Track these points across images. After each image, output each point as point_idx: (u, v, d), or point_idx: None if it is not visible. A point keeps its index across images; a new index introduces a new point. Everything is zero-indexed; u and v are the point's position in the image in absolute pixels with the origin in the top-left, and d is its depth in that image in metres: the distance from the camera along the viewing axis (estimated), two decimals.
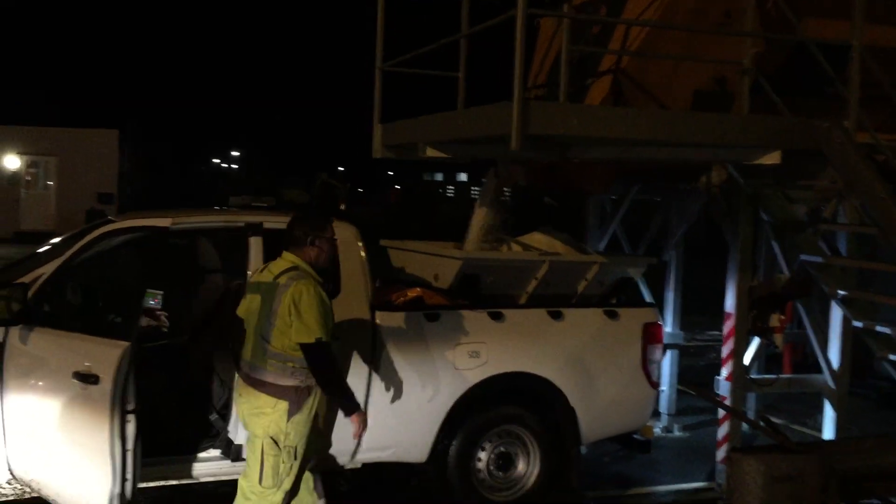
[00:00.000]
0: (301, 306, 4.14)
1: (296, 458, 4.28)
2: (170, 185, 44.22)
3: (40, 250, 5.43)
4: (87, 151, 26.33)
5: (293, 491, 4.38)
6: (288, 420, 4.19)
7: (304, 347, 4.15)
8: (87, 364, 4.01)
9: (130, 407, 4.02)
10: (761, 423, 4.83)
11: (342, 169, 56.88)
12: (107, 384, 3.94)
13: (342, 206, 27.04)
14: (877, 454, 4.67)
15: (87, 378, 4.00)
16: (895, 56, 5.85)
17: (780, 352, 6.92)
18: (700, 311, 9.95)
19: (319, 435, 4.76)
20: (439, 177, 70.21)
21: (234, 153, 75.25)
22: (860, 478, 4.50)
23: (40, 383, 4.20)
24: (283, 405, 4.18)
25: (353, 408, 4.41)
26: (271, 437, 4.18)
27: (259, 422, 4.20)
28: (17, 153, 25.90)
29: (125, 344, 4.03)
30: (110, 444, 3.91)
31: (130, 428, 4.03)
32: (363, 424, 4.46)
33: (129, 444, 4.02)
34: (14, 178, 25.91)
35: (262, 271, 4.48)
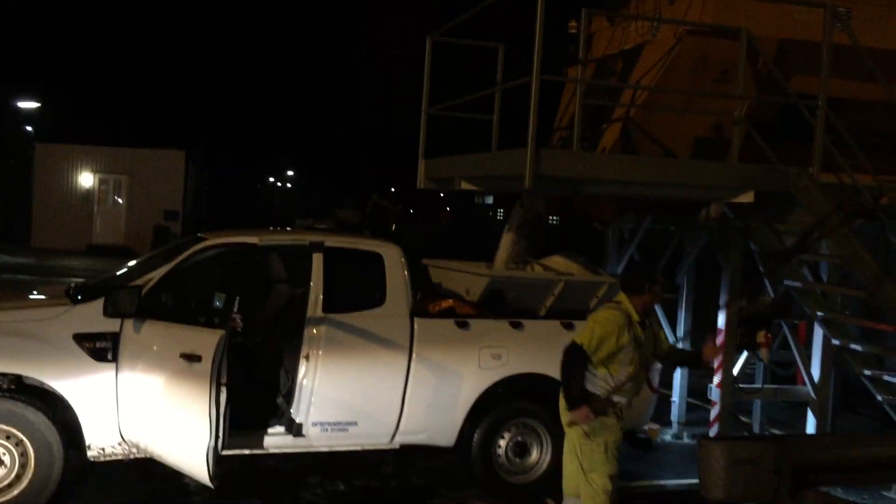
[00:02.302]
0: (591, 319, 5.11)
1: (606, 450, 5.05)
2: (230, 203, 46.10)
3: (143, 259, 6.63)
4: (156, 171, 27.89)
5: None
6: (594, 419, 4.99)
7: (568, 345, 5.03)
8: (191, 347, 5.16)
9: (224, 381, 5.16)
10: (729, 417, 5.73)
11: (394, 190, 58.31)
12: (207, 362, 5.08)
13: (393, 227, 28.12)
14: (832, 448, 5.53)
15: (192, 357, 5.15)
16: (880, 108, 6.71)
17: (766, 364, 7.75)
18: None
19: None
20: (489, 200, 71.26)
21: (290, 172, 77.32)
22: (816, 468, 5.36)
23: (150, 363, 5.36)
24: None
25: (575, 403, 4.99)
26: (582, 431, 5.05)
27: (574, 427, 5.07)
28: (92, 171, 27.63)
29: (221, 332, 5.18)
30: (209, 409, 5.03)
31: (223, 397, 5.17)
32: (583, 417, 4.98)
33: (222, 409, 5.16)
34: (88, 195, 27.62)
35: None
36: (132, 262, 6.83)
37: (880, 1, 6.95)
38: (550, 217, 9.87)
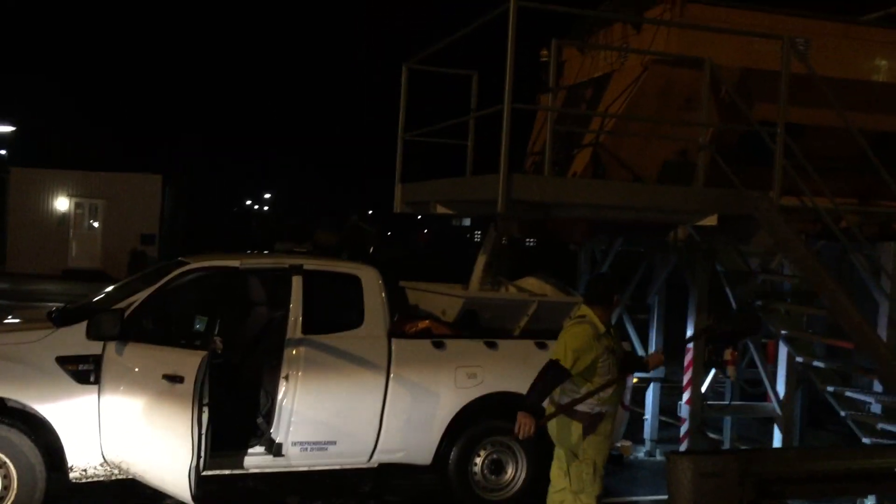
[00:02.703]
0: (565, 334, 5.18)
1: (595, 471, 5.20)
2: (206, 227, 45.97)
3: (124, 282, 6.75)
4: (132, 195, 27.84)
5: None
6: (584, 439, 5.18)
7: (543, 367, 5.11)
8: (174, 368, 5.28)
9: (205, 401, 5.29)
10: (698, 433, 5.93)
11: (371, 212, 58.51)
12: (189, 383, 5.20)
13: (371, 249, 28.28)
14: (793, 462, 5.74)
15: (175, 378, 5.27)
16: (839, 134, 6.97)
17: (732, 381, 7.99)
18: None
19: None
20: (467, 222, 71.72)
21: (266, 195, 77.25)
22: (778, 480, 5.56)
23: (133, 385, 5.46)
24: (573, 424, 5.19)
25: (524, 406, 5.11)
26: (572, 451, 5.20)
27: (560, 438, 5.28)
28: (67, 196, 27.55)
29: (203, 353, 5.31)
30: (191, 428, 5.15)
31: (205, 417, 5.29)
32: (525, 425, 5.04)
33: (203, 429, 5.27)
34: (63, 218, 27.51)
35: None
36: (113, 286, 6.93)
37: (837, 32, 7.26)
38: (527, 240, 10.13)
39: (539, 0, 6.05)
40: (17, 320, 6.64)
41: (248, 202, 77.01)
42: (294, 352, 6.11)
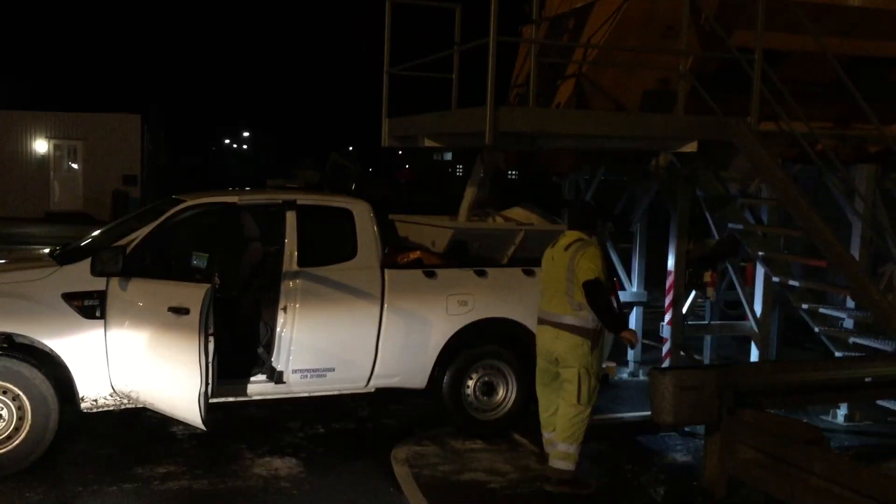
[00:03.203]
0: (587, 257, 5.60)
1: (598, 383, 5.75)
2: (186, 167, 45.72)
3: (121, 221, 6.90)
4: (112, 135, 27.67)
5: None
6: (591, 353, 5.69)
7: (585, 284, 5.56)
8: (179, 300, 5.50)
9: (211, 331, 5.52)
10: (682, 353, 6.24)
11: (352, 149, 58.22)
12: (195, 314, 5.43)
13: (353, 186, 28.29)
14: (769, 375, 6.08)
15: (180, 311, 5.49)
16: (817, 60, 7.13)
17: (712, 302, 8.31)
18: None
19: None
20: (448, 156, 71.53)
21: (245, 133, 76.53)
22: (754, 392, 5.89)
23: (138, 318, 5.68)
24: (587, 342, 5.67)
25: (620, 328, 5.80)
26: (585, 368, 5.66)
27: (575, 355, 5.67)
28: (46, 137, 27.30)
29: (207, 285, 5.53)
30: (198, 357, 5.39)
31: (210, 346, 5.53)
32: (634, 338, 5.86)
33: (210, 358, 5.52)
34: (43, 161, 27.33)
35: (553, 247, 5.93)
36: (110, 225, 7.08)
37: None
38: (510, 172, 10.28)
39: None
40: (2, 261, 6.76)
41: (227, 141, 76.27)
42: (291, 284, 6.32)
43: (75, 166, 27.56)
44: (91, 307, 5.73)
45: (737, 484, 5.53)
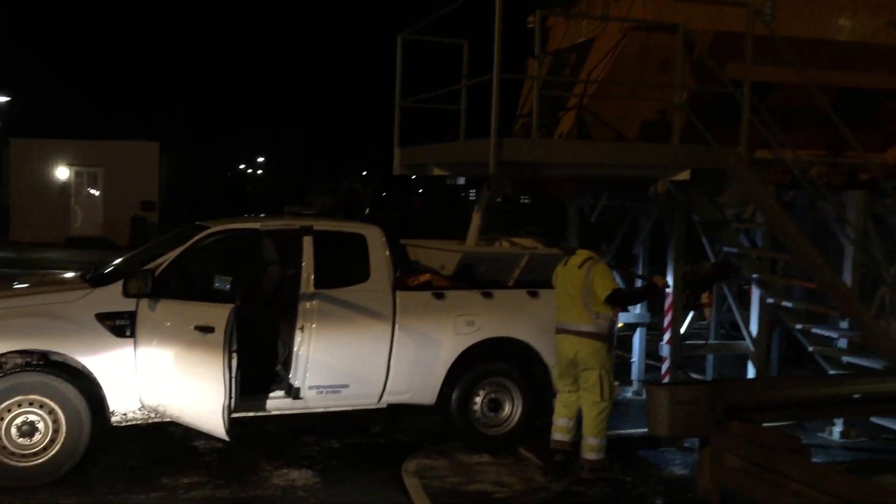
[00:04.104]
0: (600, 274, 6.44)
1: (614, 379, 6.64)
2: (203, 192, 46.33)
3: (147, 247, 7.34)
4: (131, 162, 28.31)
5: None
6: (608, 355, 6.49)
7: (608, 299, 6.38)
8: (205, 319, 5.91)
9: (234, 348, 5.92)
10: (679, 371, 6.58)
11: (365, 173, 58.78)
12: (220, 332, 5.84)
13: (367, 211, 28.78)
14: (760, 390, 6.39)
15: (206, 329, 5.90)
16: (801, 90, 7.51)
17: (708, 322, 8.62)
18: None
19: None
20: (461, 181, 71.91)
21: (259, 158, 77.28)
22: (745, 407, 6.20)
23: (166, 336, 6.08)
24: (605, 347, 6.48)
25: (651, 290, 6.98)
26: (604, 368, 6.45)
27: (597, 358, 6.45)
28: (67, 165, 27.99)
29: (231, 305, 5.94)
30: (223, 372, 5.79)
31: (234, 362, 5.93)
32: (662, 280, 6.94)
33: (233, 373, 5.91)
34: (64, 188, 27.99)
35: (565, 265, 6.72)
36: (138, 250, 7.51)
37: None
38: (522, 197, 10.67)
39: None
40: (24, 285, 7.12)
41: (242, 166, 77.12)
42: (308, 305, 6.71)
43: (95, 192, 28.19)
44: (122, 326, 6.15)
45: (730, 494, 5.83)
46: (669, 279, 7.83)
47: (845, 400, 6.61)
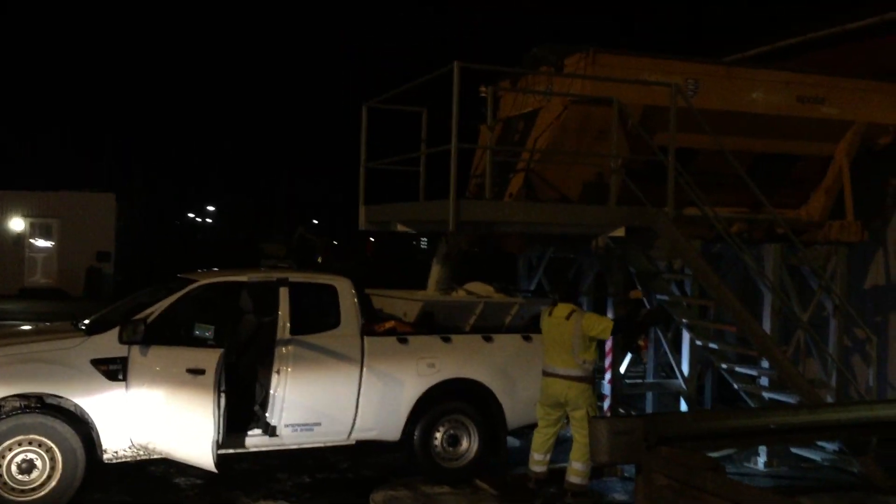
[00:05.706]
0: (593, 320, 7.34)
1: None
2: (154, 242, 46.34)
3: (133, 297, 7.95)
4: (86, 213, 28.49)
5: None
6: (592, 394, 7.34)
7: (614, 331, 7.28)
8: (196, 363, 6.55)
9: (223, 389, 6.56)
10: (620, 410, 7.40)
11: (316, 222, 59.28)
12: (210, 375, 6.48)
13: (319, 259, 29.28)
14: (688, 423, 7.22)
15: (197, 371, 6.54)
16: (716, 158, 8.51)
17: (645, 363, 9.49)
18: None
19: None
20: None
21: (209, 207, 77.12)
22: (675, 437, 7.01)
23: (158, 379, 6.70)
24: (590, 388, 7.34)
25: (654, 318, 8.42)
26: (590, 405, 7.28)
27: (584, 398, 7.28)
28: (23, 216, 28.10)
29: (221, 350, 6.60)
30: (213, 411, 6.42)
31: (222, 401, 6.56)
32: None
33: (221, 412, 6.54)
34: (19, 238, 28.05)
35: (550, 315, 7.54)
36: (123, 301, 8.11)
37: (720, 73, 8.81)
38: (475, 249, 11.51)
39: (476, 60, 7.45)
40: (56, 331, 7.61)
41: (191, 215, 76.86)
42: (284, 350, 7.39)
43: (49, 244, 28.27)
44: (115, 371, 6.75)
45: None
46: None
47: (763, 430, 7.47)
